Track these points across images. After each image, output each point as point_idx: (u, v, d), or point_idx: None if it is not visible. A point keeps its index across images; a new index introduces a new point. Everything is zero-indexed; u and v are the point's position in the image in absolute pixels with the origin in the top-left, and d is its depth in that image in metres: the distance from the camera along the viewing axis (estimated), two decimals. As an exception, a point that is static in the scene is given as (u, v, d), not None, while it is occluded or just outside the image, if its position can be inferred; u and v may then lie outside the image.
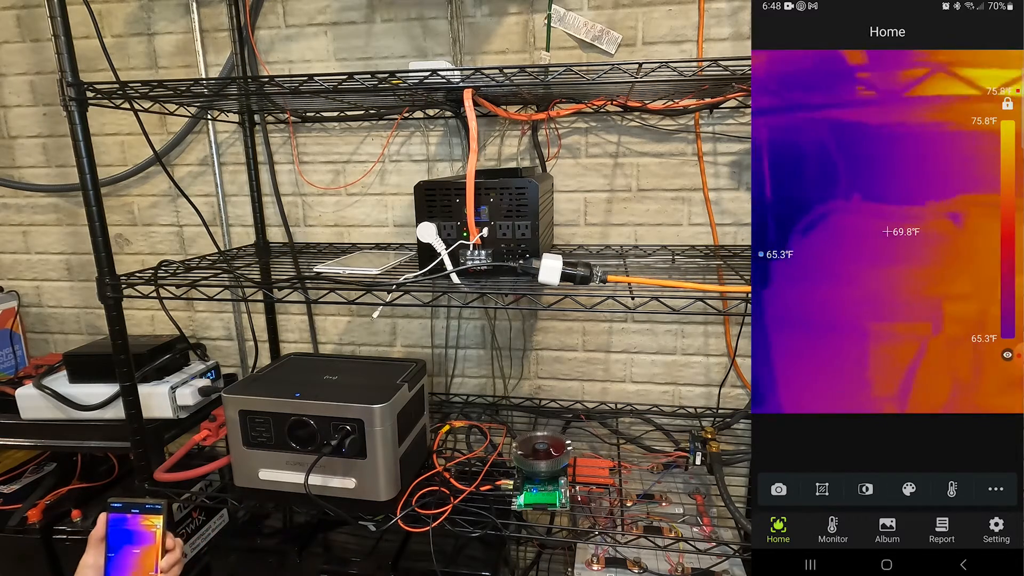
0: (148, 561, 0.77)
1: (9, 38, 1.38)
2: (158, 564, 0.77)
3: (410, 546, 1.12)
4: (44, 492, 1.20)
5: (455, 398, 1.38)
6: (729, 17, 1.12)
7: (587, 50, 1.17)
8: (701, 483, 1.19)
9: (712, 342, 1.28)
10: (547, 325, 1.34)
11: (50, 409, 1.13)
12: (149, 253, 1.45)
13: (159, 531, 0.77)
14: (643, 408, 1.31)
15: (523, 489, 0.97)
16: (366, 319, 1.41)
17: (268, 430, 0.93)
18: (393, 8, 1.22)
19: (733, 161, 1.19)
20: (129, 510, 0.78)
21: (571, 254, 1.22)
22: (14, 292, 1.51)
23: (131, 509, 0.78)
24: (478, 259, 0.92)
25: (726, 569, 1.01)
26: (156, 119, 1.36)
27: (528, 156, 1.25)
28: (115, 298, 0.94)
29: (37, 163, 1.45)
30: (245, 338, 1.46)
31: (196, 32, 1.28)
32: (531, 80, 0.84)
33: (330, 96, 0.95)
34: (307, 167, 1.35)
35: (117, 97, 0.90)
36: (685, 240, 1.24)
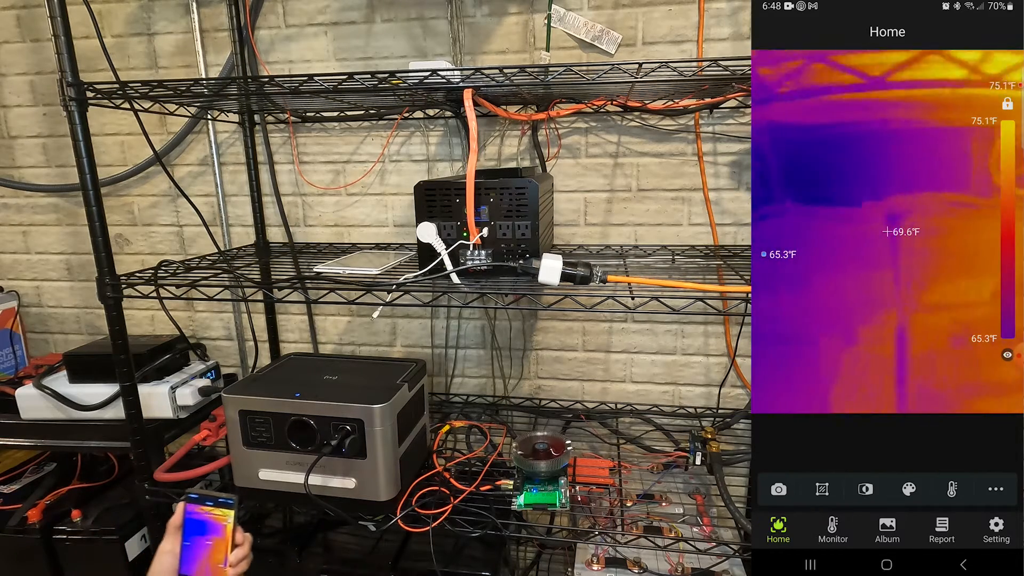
0: (218, 553, 0.79)
1: (9, 38, 1.38)
2: (227, 557, 0.78)
3: (410, 546, 1.12)
4: (44, 492, 1.20)
5: (455, 398, 1.38)
6: (729, 17, 1.12)
7: (587, 50, 1.17)
8: (701, 483, 1.19)
9: (712, 342, 1.28)
10: (547, 325, 1.34)
11: (50, 409, 1.13)
12: (149, 253, 1.45)
13: (229, 525, 0.79)
14: (643, 408, 1.31)
15: (523, 489, 0.97)
16: (366, 319, 1.41)
17: (268, 430, 0.93)
18: (393, 8, 1.22)
19: (733, 161, 1.19)
20: (203, 502, 0.80)
21: (571, 254, 1.22)
22: (14, 292, 1.51)
23: (205, 501, 0.80)
24: (478, 259, 0.92)
25: (726, 569, 1.01)
26: (156, 119, 1.36)
27: (528, 156, 1.25)
28: (115, 298, 0.94)
29: (37, 163, 1.45)
30: (245, 338, 1.46)
31: (196, 32, 1.28)
32: (531, 80, 0.84)
33: (330, 96, 0.95)
34: (307, 167, 1.35)
35: (117, 97, 0.90)
36: (685, 240, 1.24)
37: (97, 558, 1.13)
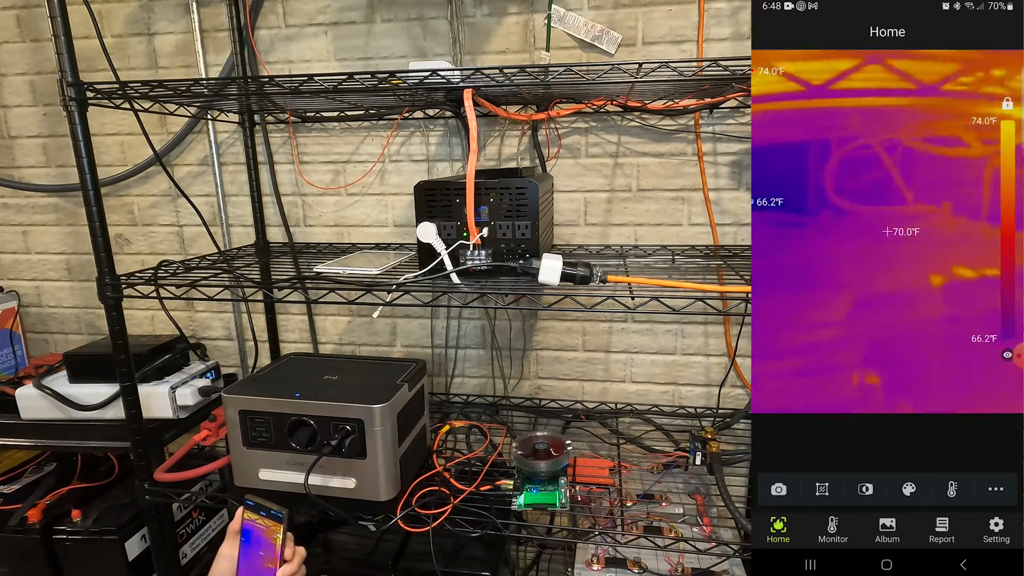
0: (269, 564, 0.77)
1: (9, 38, 1.38)
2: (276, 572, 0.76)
3: (410, 546, 1.12)
4: (44, 492, 1.20)
5: (455, 398, 1.38)
6: (729, 17, 1.12)
7: (587, 50, 1.17)
8: (701, 483, 1.19)
9: (712, 342, 1.28)
10: (547, 325, 1.34)
11: (50, 409, 1.13)
12: (149, 253, 1.45)
13: (278, 539, 0.77)
14: (643, 408, 1.31)
15: (523, 489, 0.97)
16: (366, 319, 1.41)
17: (268, 430, 0.93)
18: (393, 8, 1.22)
19: (733, 161, 1.19)
20: (258, 511, 0.78)
21: (571, 254, 1.22)
22: (14, 292, 1.51)
23: (259, 511, 0.78)
24: (478, 259, 0.92)
25: (726, 569, 1.01)
26: (156, 119, 1.36)
27: (528, 156, 1.25)
28: (115, 298, 0.94)
29: (37, 163, 1.45)
30: (245, 338, 1.46)
31: (196, 32, 1.28)
32: (531, 80, 0.84)
33: (330, 96, 0.95)
34: (307, 167, 1.35)
35: (117, 97, 0.90)
36: (685, 240, 1.24)
37: (97, 558, 1.13)
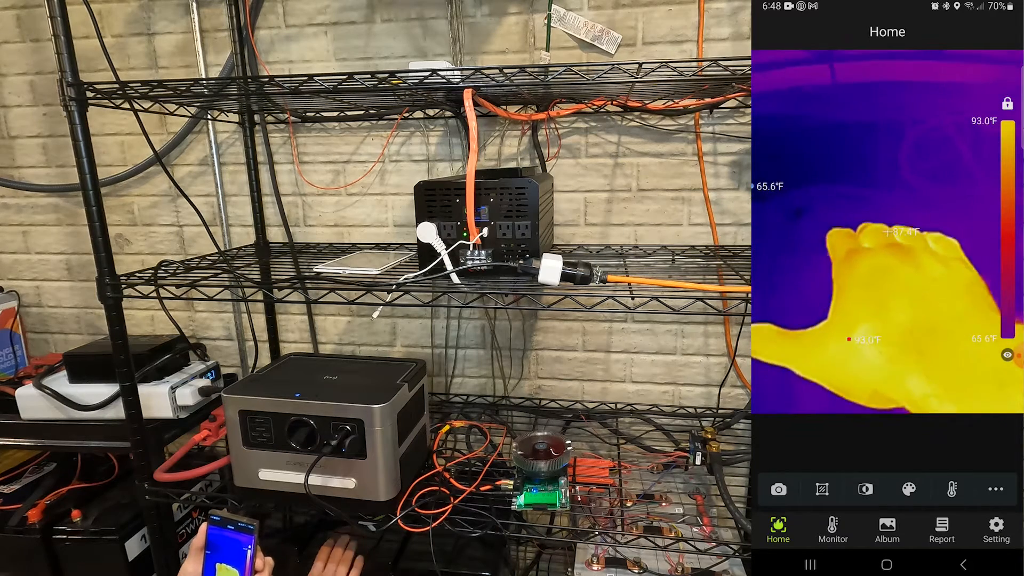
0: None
1: (9, 38, 1.38)
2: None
3: (410, 546, 1.12)
4: (44, 492, 1.20)
5: (455, 398, 1.38)
6: (729, 17, 1.12)
7: (587, 50, 1.17)
8: (701, 483, 1.19)
9: (712, 342, 1.28)
10: (547, 325, 1.34)
11: (50, 409, 1.13)
12: (149, 253, 1.45)
13: (249, 550, 0.78)
14: (643, 408, 1.31)
15: (523, 489, 0.97)
16: (366, 319, 1.41)
17: (268, 430, 0.93)
18: (393, 8, 1.22)
19: (733, 161, 1.19)
20: (225, 525, 0.79)
21: (571, 254, 1.22)
22: (14, 292, 1.51)
23: (227, 524, 0.79)
24: (478, 259, 0.92)
25: (726, 569, 1.01)
26: (156, 119, 1.36)
27: (528, 156, 1.25)
28: (115, 298, 0.94)
29: (37, 163, 1.45)
30: (245, 338, 1.46)
31: (196, 32, 1.28)
32: (531, 80, 0.84)
33: (330, 96, 0.95)
34: (307, 167, 1.35)
35: (117, 97, 0.90)
36: (685, 240, 1.24)
37: (97, 558, 1.13)
